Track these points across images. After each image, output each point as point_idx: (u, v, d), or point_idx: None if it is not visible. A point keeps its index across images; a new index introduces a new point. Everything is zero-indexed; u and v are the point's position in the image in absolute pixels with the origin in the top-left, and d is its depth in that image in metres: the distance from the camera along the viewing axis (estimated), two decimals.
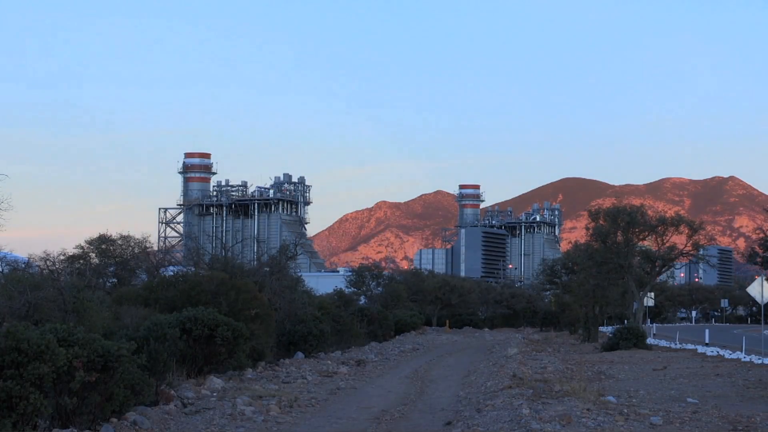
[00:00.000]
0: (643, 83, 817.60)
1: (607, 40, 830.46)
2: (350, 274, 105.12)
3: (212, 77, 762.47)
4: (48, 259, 44.29)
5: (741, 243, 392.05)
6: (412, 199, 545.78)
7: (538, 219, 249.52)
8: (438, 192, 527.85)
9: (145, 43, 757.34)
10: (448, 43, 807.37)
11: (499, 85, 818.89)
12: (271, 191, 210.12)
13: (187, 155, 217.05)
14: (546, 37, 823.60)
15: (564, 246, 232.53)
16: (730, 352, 48.63)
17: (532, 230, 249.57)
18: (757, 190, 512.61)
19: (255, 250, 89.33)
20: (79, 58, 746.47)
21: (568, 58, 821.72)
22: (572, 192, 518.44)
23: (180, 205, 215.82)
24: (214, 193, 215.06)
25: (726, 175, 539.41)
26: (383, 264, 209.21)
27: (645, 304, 70.12)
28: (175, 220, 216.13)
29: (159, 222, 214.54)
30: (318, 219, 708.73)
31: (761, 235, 46.20)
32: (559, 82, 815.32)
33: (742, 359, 44.44)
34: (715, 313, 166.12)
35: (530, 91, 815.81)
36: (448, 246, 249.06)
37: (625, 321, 72.70)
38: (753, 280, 58.37)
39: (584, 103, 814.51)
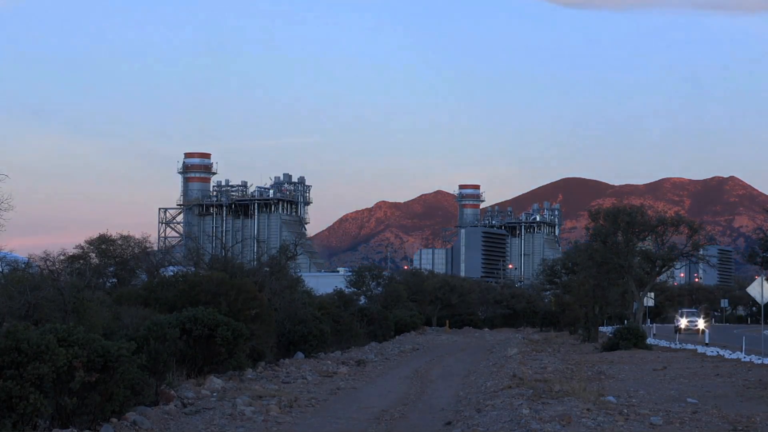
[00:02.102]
0: (643, 83, 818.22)
1: (606, 40, 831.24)
2: (350, 274, 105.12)
3: (212, 76, 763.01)
4: (48, 259, 44.25)
5: (741, 243, 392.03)
6: (412, 199, 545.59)
7: (538, 219, 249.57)
8: (438, 192, 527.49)
9: (144, 41, 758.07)
10: (447, 42, 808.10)
11: (499, 85, 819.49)
12: (271, 191, 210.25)
13: (187, 155, 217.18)
14: (546, 36, 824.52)
15: (564, 246, 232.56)
16: (730, 352, 48.60)
17: (532, 230, 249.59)
18: (757, 190, 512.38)
19: (255, 250, 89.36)
20: (78, 56, 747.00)
21: (568, 58, 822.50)
22: (572, 192, 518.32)
23: (180, 205, 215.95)
24: (214, 193, 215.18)
25: (726, 175, 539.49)
26: (384, 264, 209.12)
27: (645, 304, 70.11)
28: (175, 220, 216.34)
29: (159, 222, 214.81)
30: (318, 219, 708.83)
31: (761, 235, 46.20)
32: (559, 82, 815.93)
33: (742, 359, 44.42)
34: (715, 313, 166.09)
35: (530, 91, 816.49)
36: (448, 246, 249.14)
37: (625, 321, 72.69)
38: (753, 280, 58.38)
39: (584, 103, 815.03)
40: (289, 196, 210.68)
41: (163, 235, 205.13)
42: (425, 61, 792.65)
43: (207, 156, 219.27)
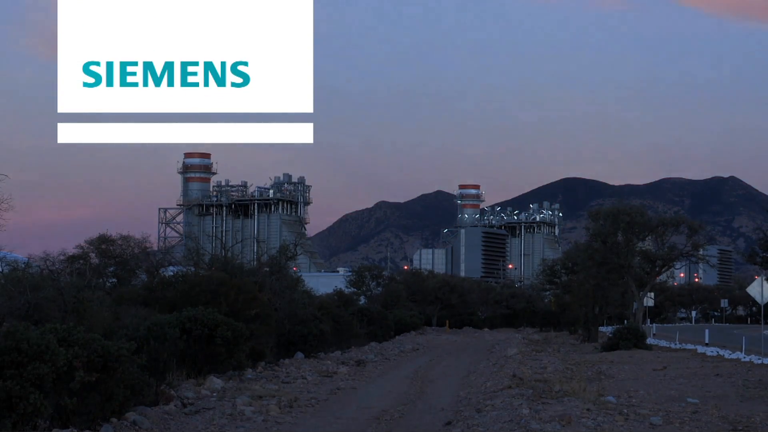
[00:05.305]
0: (642, 82, 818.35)
1: (606, 40, 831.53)
2: (350, 274, 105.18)
3: None
4: (48, 259, 44.25)
5: (741, 243, 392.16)
6: (412, 199, 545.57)
7: (538, 219, 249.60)
8: (438, 192, 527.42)
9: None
10: (448, 43, 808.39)
11: (499, 84, 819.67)
12: (271, 191, 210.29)
13: (187, 155, 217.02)
14: (545, 36, 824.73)
15: (564, 246, 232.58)
16: (730, 352, 48.61)
17: (532, 230, 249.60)
18: (757, 190, 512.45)
19: (255, 250, 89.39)
20: None
21: (568, 58, 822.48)
22: (572, 192, 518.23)
23: (180, 205, 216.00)
24: (214, 193, 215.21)
25: (726, 175, 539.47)
26: (384, 264, 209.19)
27: (645, 304, 70.12)
28: (175, 220, 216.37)
29: (159, 222, 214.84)
30: (318, 219, 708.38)
31: (761, 235, 46.21)
32: (559, 82, 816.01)
33: (742, 359, 44.42)
34: (715, 313, 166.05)
35: (530, 91, 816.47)
36: (448, 246, 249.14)
37: (625, 321, 72.68)
38: (753, 280, 58.41)
39: (584, 103, 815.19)
40: (289, 196, 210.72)
41: (163, 235, 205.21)
42: (427, 61, 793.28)
43: (207, 156, 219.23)
